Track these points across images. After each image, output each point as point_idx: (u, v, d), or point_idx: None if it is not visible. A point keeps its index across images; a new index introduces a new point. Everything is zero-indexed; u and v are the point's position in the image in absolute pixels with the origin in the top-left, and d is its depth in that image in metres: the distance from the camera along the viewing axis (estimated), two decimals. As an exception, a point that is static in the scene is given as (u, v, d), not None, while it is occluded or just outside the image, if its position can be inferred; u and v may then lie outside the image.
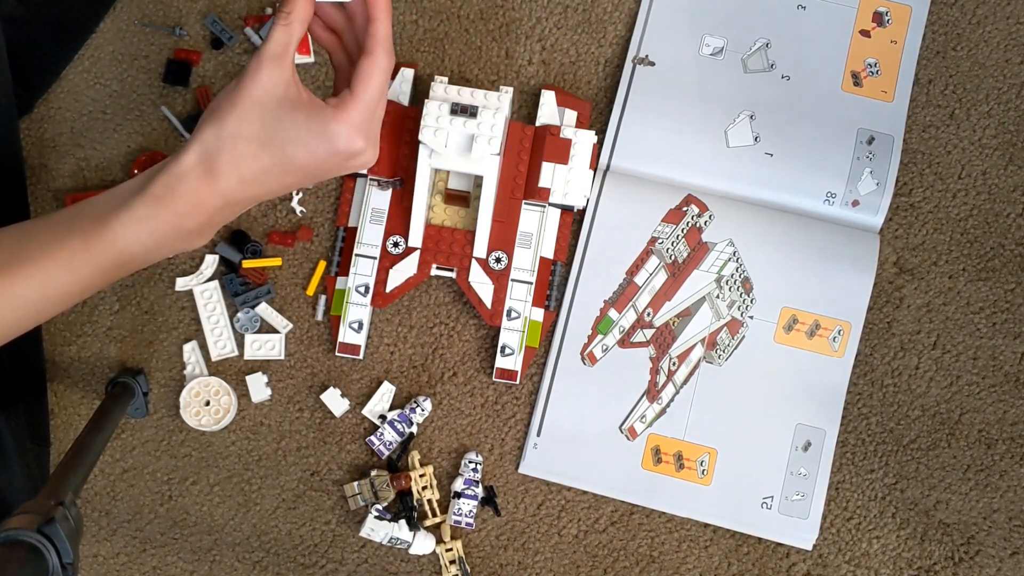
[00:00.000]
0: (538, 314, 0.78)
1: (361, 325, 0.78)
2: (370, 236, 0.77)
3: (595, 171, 0.79)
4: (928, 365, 0.79)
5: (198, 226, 0.55)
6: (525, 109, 0.81)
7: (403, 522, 0.76)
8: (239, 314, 0.79)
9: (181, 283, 0.79)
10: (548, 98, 0.78)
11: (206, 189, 0.54)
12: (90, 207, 0.54)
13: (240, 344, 0.79)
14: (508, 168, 0.77)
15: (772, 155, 0.79)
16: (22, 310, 0.54)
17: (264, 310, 0.79)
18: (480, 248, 0.76)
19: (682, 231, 0.78)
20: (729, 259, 0.78)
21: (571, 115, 0.79)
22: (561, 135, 0.77)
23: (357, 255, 0.77)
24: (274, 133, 0.54)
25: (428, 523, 0.78)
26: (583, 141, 0.77)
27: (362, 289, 0.77)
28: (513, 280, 0.77)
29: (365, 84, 0.56)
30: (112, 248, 0.53)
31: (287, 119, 0.54)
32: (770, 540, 0.78)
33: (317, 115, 0.54)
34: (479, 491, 0.77)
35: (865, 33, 0.81)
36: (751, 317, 0.78)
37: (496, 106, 0.73)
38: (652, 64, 0.81)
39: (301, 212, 0.80)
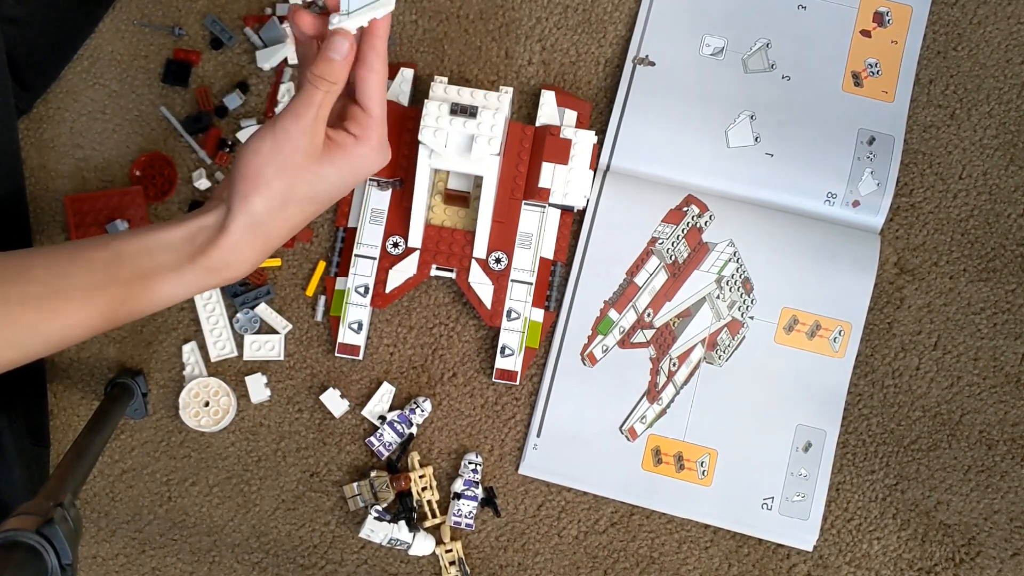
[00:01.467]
0: (538, 315, 0.78)
1: (360, 326, 0.77)
2: (370, 236, 0.77)
3: (595, 171, 0.79)
4: (929, 366, 0.79)
5: (241, 277, 0.56)
6: (525, 109, 0.81)
7: (403, 523, 0.76)
8: (238, 315, 0.78)
9: (180, 284, 0.79)
10: (548, 98, 0.78)
11: (257, 254, 0.55)
12: (131, 256, 0.54)
13: (239, 345, 0.79)
14: (508, 168, 0.77)
15: (772, 155, 0.79)
16: (51, 344, 0.54)
17: (263, 311, 0.79)
18: (480, 248, 0.76)
19: (682, 231, 0.78)
20: (729, 259, 0.78)
21: (571, 115, 0.79)
22: (561, 135, 0.77)
23: (357, 255, 0.77)
24: (321, 189, 0.56)
25: (428, 524, 0.78)
26: (583, 141, 0.77)
27: (361, 290, 0.77)
28: (513, 280, 0.77)
29: (378, 100, 0.56)
30: (152, 303, 0.54)
31: (329, 173, 0.55)
32: (770, 541, 0.78)
33: (351, 154, 0.56)
34: (479, 492, 0.77)
35: (866, 33, 0.81)
36: (751, 317, 0.78)
37: (496, 106, 0.73)
38: (652, 64, 0.80)
39: (301, 212, 0.80)
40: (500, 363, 0.77)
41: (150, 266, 0.54)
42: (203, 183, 0.79)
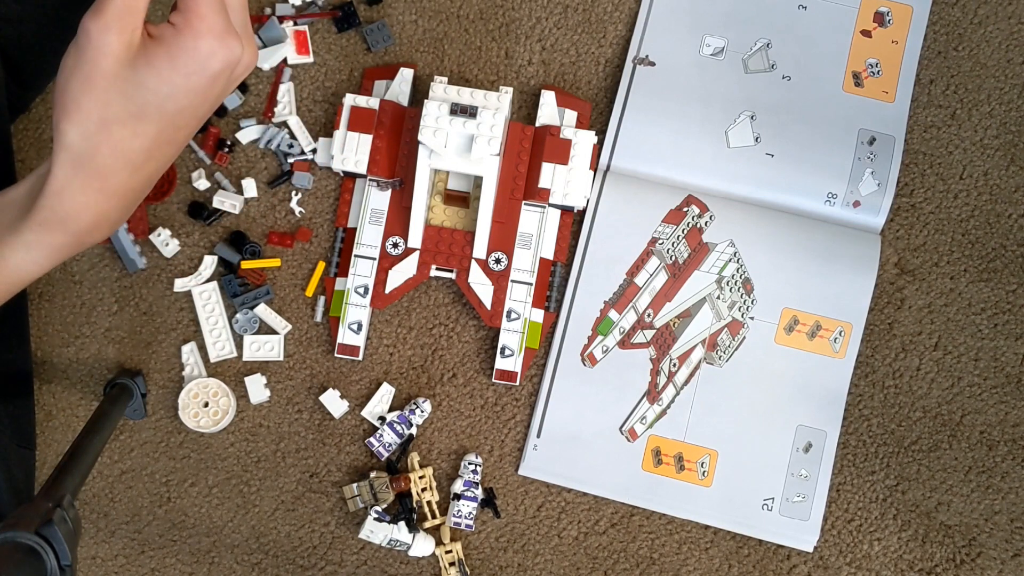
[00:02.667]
0: (538, 315, 0.78)
1: (360, 326, 0.77)
2: (369, 237, 0.77)
3: (595, 171, 0.79)
4: (929, 366, 0.79)
5: (101, 233, 0.48)
6: (525, 109, 0.81)
7: (402, 524, 0.76)
8: (238, 315, 0.78)
9: (180, 284, 0.79)
10: (548, 98, 0.78)
11: (97, 196, 0.46)
12: None
13: (239, 345, 0.79)
14: (508, 168, 0.76)
15: (773, 155, 0.79)
16: None
17: (263, 311, 0.79)
18: (480, 249, 0.76)
19: (682, 232, 0.78)
20: (730, 260, 0.78)
21: (571, 115, 0.79)
22: (561, 135, 0.77)
23: (356, 256, 0.77)
24: (145, 100, 0.45)
25: (427, 525, 0.78)
26: (583, 141, 0.77)
27: (361, 290, 0.77)
28: (513, 281, 0.77)
29: None
30: (7, 274, 0.48)
31: (151, 76, 0.45)
32: (771, 542, 0.77)
33: (178, 49, 0.45)
34: (479, 493, 0.77)
35: (866, 33, 0.81)
36: (752, 318, 0.78)
37: (496, 106, 0.72)
38: (652, 64, 0.80)
39: (300, 213, 0.80)
40: (500, 364, 0.77)
41: None
42: (202, 183, 0.79)
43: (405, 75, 0.79)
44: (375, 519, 0.75)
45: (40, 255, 0.48)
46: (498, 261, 0.77)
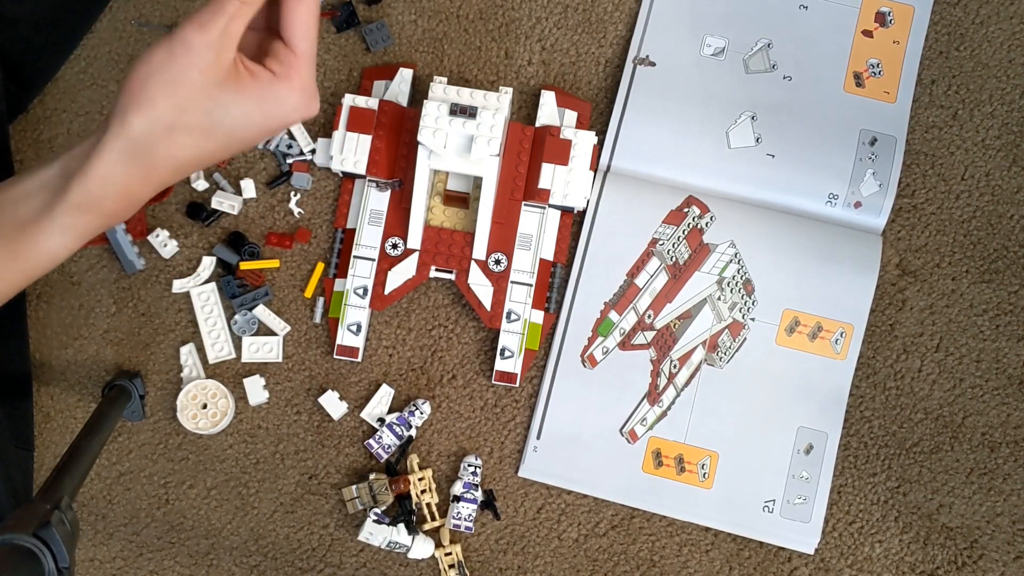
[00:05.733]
0: (538, 316, 0.77)
1: (359, 327, 0.77)
2: (369, 238, 0.77)
3: (595, 172, 0.78)
4: (931, 368, 0.79)
5: (127, 215, 0.50)
6: (525, 109, 0.81)
7: (402, 526, 0.75)
8: (236, 316, 0.78)
9: (178, 285, 0.78)
10: (548, 98, 0.78)
11: (137, 186, 0.48)
12: (11, 208, 0.49)
13: (237, 347, 0.79)
14: (508, 169, 0.76)
15: (774, 156, 0.79)
16: None
17: (262, 312, 0.78)
18: (479, 250, 0.76)
19: (683, 232, 0.78)
20: (731, 261, 0.78)
21: (571, 116, 0.78)
22: (561, 136, 0.76)
23: (355, 257, 0.77)
24: (220, 121, 0.47)
25: (427, 527, 0.77)
26: (583, 142, 0.76)
27: (360, 291, 0.77)
28: (513, 282, 0.77)
29: (306, 36, 0.49)
30: (40, 257, 0.49)
31: (234, 105, 0.47)
32: (772, 544, 0.77)
33: (264, 90, 0.48)
34: (478, 495, 0.77)
35: (867, 33, 0.81)
36: (753, 319, 0.78)
37: (496, 106, 0.72)
38: (653, 64, 0.80)
39: (299, 214, 0.80)
40: (500, 365, 0.77)
41: (26, 213, 0.48)
42: (201, 184, 0.79)
43: (404, 75, 0.78)
44: (374, 521, 0.75)
45: (71, 238, 0.49)
46: (498, 262, 0.76)
